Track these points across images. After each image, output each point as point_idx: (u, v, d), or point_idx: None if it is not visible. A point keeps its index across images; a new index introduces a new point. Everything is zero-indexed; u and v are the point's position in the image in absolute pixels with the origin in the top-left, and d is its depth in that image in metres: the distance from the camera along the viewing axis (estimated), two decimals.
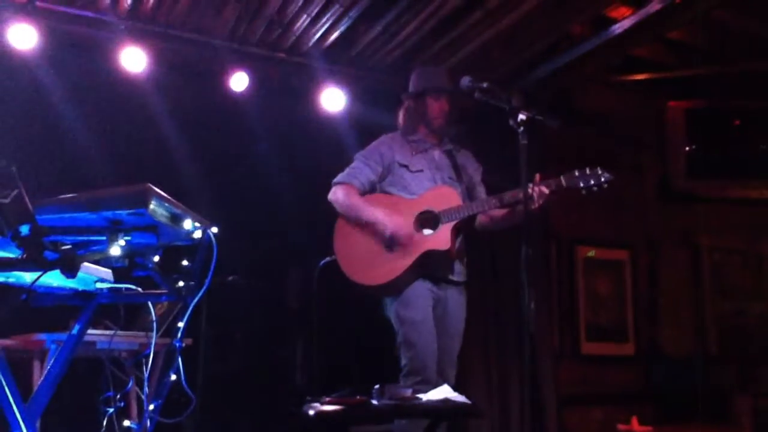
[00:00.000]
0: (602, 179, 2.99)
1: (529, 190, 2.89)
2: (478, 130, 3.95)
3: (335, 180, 3.32)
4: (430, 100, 3.35)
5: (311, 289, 3.58)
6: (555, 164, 5.23)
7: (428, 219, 3.18)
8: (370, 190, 3.32)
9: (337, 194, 3.27)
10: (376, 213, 3.16)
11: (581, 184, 3.00)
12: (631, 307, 5.66)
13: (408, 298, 3.12)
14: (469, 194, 3.33)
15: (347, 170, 3.33)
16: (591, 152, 5.41)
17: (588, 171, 3.01)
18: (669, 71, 5.22)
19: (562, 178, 3.03)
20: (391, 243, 3.12)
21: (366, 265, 3.14)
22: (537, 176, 3.01)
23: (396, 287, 3.12)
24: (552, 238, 5.40)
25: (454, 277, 3.23)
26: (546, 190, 3.00)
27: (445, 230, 3.12)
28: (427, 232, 3.17)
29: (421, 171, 3.28)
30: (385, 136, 3.42)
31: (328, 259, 3.37)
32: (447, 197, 3.20)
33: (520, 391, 4.95)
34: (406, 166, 3.28)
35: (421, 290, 3.14)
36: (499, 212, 3.24)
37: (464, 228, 3.27)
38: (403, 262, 3.10)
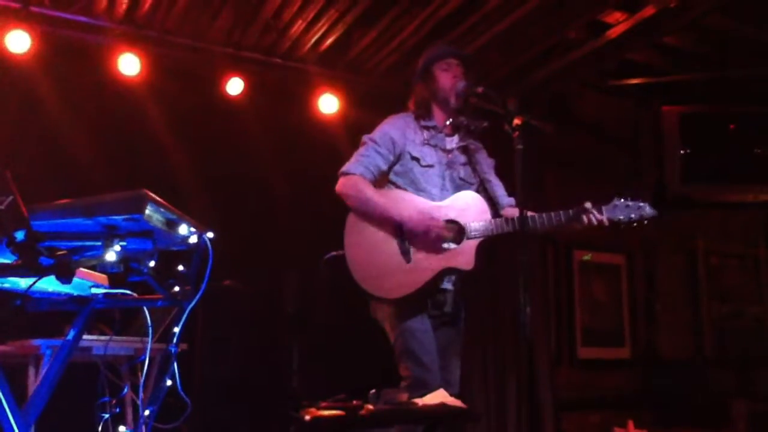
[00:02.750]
0: (644, 214, 2.77)
1: (584, 217, 2.75)
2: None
3: (344, 169, 2.94)
4: (438, 71, 3.02)
5: (310, 289, 3.42)
6: (552, 169, 5.32)
7: (452, 230, 2.85)
8: (377, 179, 2.98)
9: (348, 186, 2.90)
10: (401, 211, 2.81)
11: (621, 217, 2.78)
12: (628, 311, 5.67)
13: (407, 305, 2.83)
14: (483, 194, 3.03)
15: (357, 158, 2.94)
16: (587, 157, 5.43)
17: (630, 202, 2.79)
18: (664, 76, 5.23)
19: (603, 209, 2.78)
20: (411, 246, 2.80)
21: (380, 273, 2.80)
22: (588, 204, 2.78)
23: (404, 301, 2.81)
24: (549, 242, 5.40)
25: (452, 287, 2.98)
26: (595, 222, 2.75)
27: (470, 247, 2.81)
28: (448, 245, 2.83)
29: (432, 167, 2.97)
30: (397, 117, 3.06)
31: (334, 253, 2.93)
32: (475, 207, 2.90)
33: (518, 395, 4.95)
34: (417, 160, 2.95)
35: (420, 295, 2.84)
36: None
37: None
38: (418, 277, 2.79)
